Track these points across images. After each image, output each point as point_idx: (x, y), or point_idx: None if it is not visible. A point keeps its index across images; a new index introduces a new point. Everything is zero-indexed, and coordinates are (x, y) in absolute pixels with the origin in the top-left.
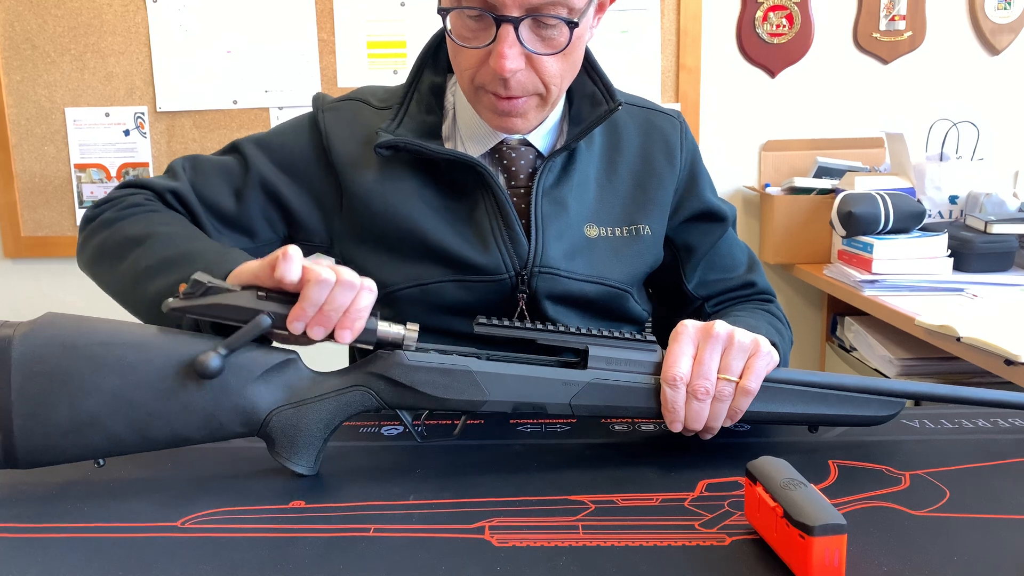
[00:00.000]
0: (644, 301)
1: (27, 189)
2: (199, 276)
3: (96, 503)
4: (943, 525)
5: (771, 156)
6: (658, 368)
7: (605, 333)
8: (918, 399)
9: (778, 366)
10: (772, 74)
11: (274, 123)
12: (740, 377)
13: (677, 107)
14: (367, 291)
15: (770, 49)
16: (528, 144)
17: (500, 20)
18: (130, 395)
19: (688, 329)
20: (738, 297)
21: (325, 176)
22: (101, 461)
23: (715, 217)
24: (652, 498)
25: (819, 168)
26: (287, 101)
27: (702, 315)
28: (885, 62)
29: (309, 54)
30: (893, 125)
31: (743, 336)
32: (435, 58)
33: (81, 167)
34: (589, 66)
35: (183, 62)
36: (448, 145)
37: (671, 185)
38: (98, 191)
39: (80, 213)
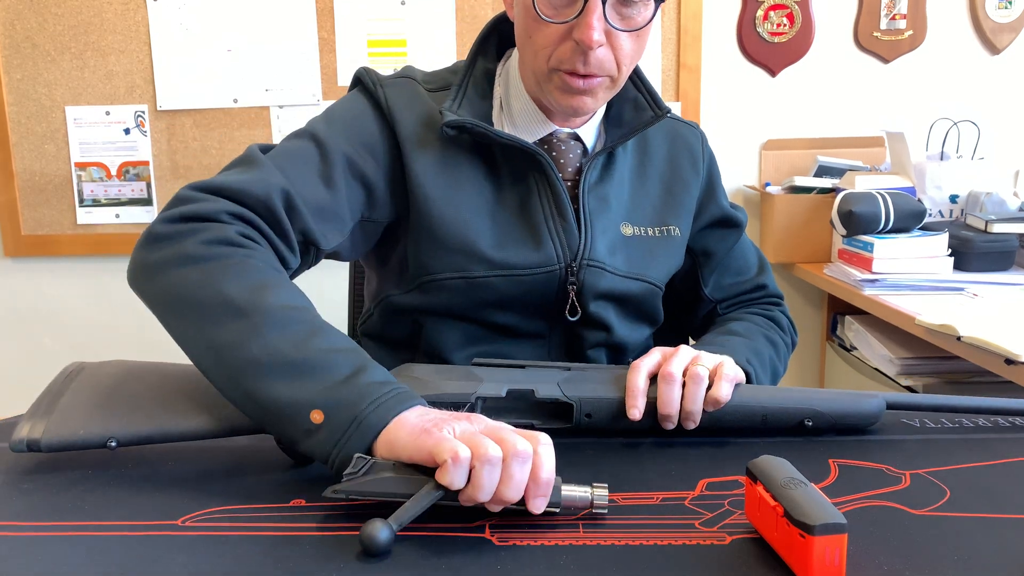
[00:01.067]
0: (661, 293)
1: (27, 187)
2: (361, 456)
3: (96, 501)
4: (943, 524)
5: (771, 155)
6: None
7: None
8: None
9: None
10: (773, 73)
11: (275, 122)
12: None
13: (678, 106)
14: (546, 457)
15: (771, 48)
16: (576, 139)
17: None
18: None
19: (652, 350)
20: (748, 300)
21: (395, 151)
22: (113, 443)
23: (731, 223)
24: (652, 497)
25: (819, 167)
26: (287, 100)
27: (714, 319)
28: (886, 61)
29: (309, 53)
30: (893, 124)
31: (709, 354)
32: (486, 47)
33: (81, 165)
34: (634, 73)
35: (183, 61)
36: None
37: (695, 191)
38: (98, 190)
39: (81, 212)
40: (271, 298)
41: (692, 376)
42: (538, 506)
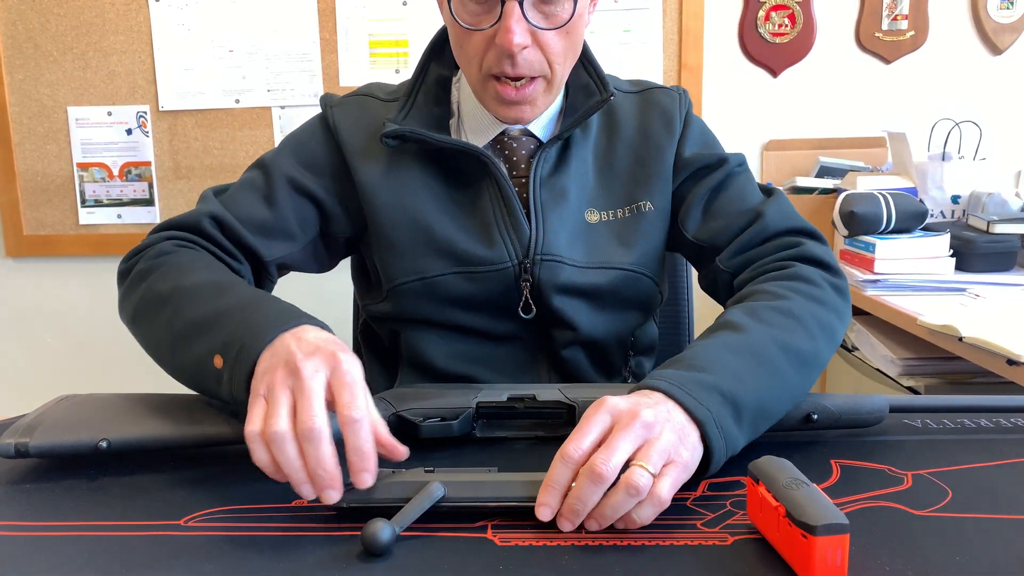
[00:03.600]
0: (663, 281)
1: (29, 188)
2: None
3: (98, 501)
4: (945, 525)
5: (773, 155)
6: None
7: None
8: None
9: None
10: (774, 74)
11: (276, 122)
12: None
13: None
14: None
15: (772, 49)
16: (529, 134)
17: None
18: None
19: (606, 405)
20: (758, 255)
21: (342, 168)
22: (104, 443)
23: (709, 166)
24: None
25: (821, 168)
26: (289, 100)
27: (721, 273)
28: (887, 62)
29: (311, 53)
30: (895, 125)
31: (668, 435)
32: (441, 52)
33: (83, 166)
34: (584, 58)
35: (185, 61)
36: (454, 135)
37: (670, 152)
38: (100, 190)
39: (83, 213)
40: (189, 279)
41: (627, 484)
42: (364, 481)
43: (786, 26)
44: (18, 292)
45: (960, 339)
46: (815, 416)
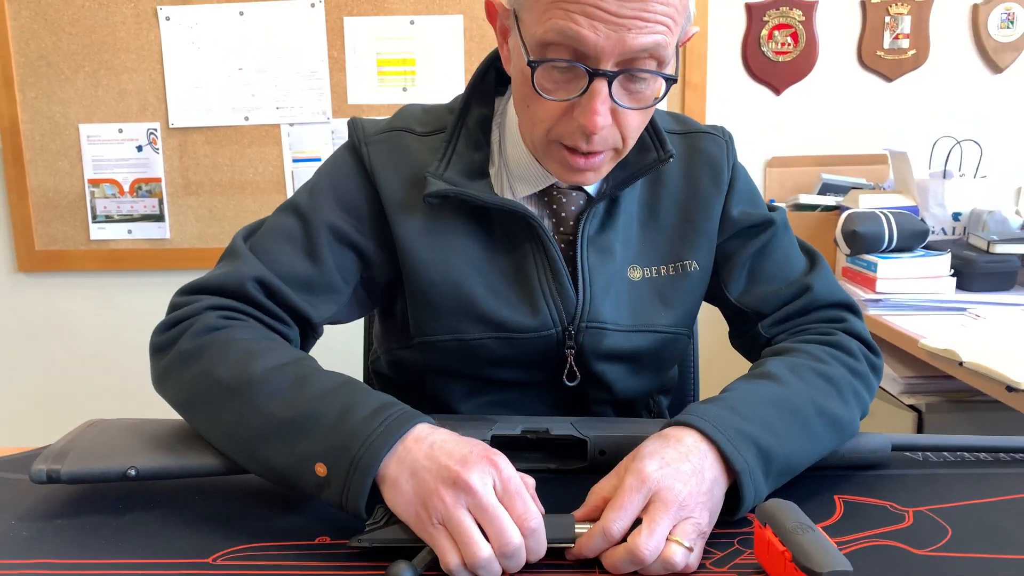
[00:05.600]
0: (690, 331)
1: (41, 204)
2: (381, 506)
3: (128, 538)
4: (945, 565)
5: (776, 172)
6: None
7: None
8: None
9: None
10: (777, 91)
11: (285, 139)
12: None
13: None
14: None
15: (775, 67)
16: (578, 187)
17: (594, 74)
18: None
19: (646, 479)
20: (801, 322)
21: (382, 215)
22: (133, 472)
23: (757, 226)
24: None
25: (823, 185)
26: (298, 118)
27: (759, 337)
28: (889, 80)
29: (320, 71)
30: (897, 143)
31: (702, 513)
32: (481, 89)
33: (94, 182)
34: None
35: (195, 79)
36: (495, 183)
37: (717, 210)
38: (111, 206)
39: (94, 228)
40: (257, 366)
41: (665, 562)
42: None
43: (789, 45)
44: (30, 306)
45: (960, 364)
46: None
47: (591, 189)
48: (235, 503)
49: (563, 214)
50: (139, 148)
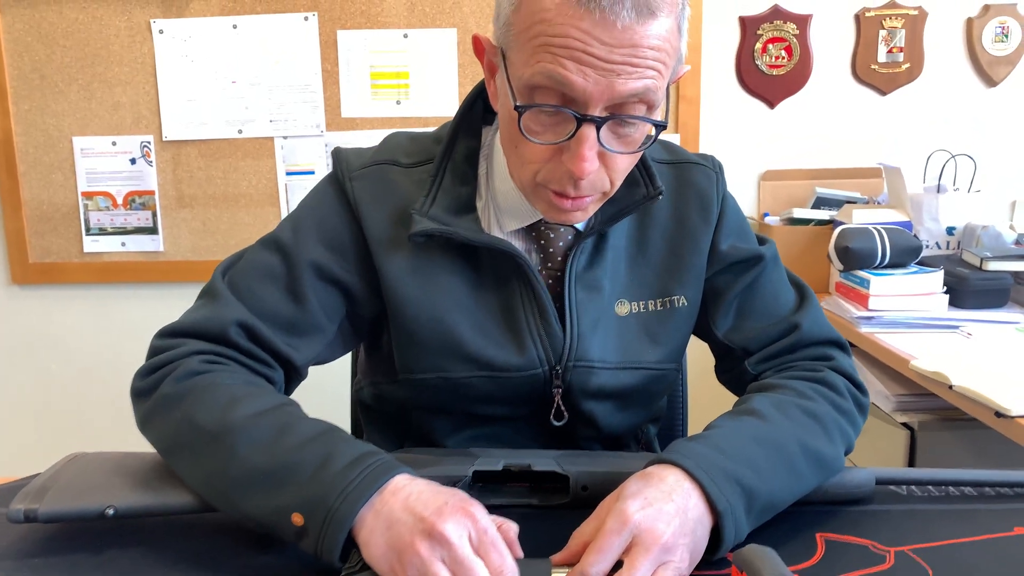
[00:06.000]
0: (679, 365)
1: (35, 216)
2: (357, 552)
3: None
4: None
5: (770, 186)
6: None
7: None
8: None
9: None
10: (771, 105)
11: (279, 152)
12: None
13: (676, 138)
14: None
15: (769, 80)
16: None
17: (582, 120)
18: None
19: (627, 521)
20: (788, 359)
21: (367, 252)
22: (111, 511)
23: (746, 261)
24: None
25: (817, 199)
26: (291, 131)
27: (746, 373)
28: (883, 93)
29: (313, 84)
30: (891, 157)
31: (683, 554)
32: (469, 120)
33: (88, 195)
34: None
35: (188, 92)
36: (482, 217)
37: (705, 244)
38: (104, 218)
39: (88, 241)
40: (238, 412)
41: None
42: None
43: (783, 58)
44: (24, 318)
45: (951, 387)
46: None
47: (579, 224)
48: (216, 540)
49: (551, 249)
50: (132, 161)
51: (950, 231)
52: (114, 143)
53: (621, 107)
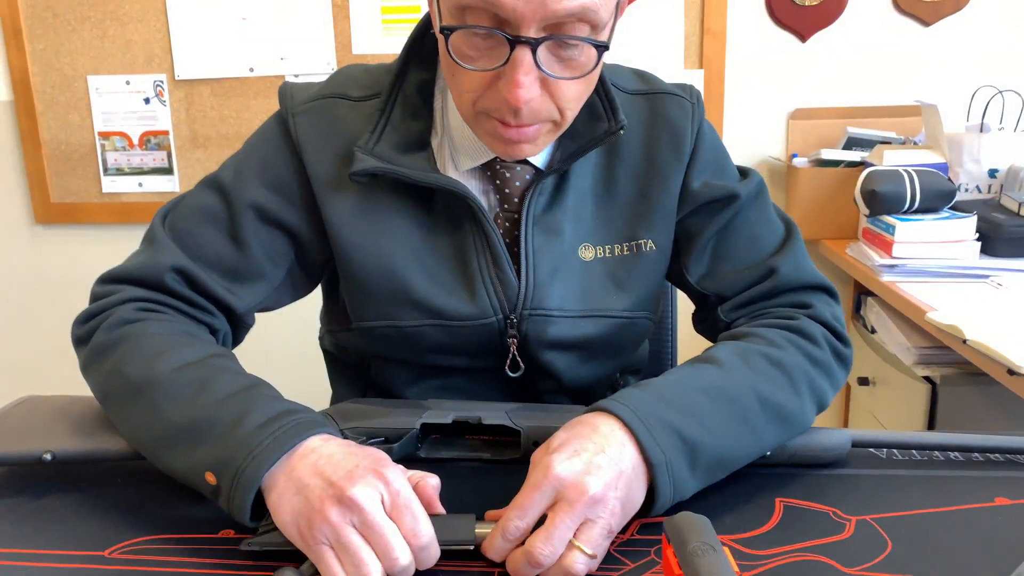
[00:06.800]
0: (657, 310)
1: (54, 156)
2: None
3: (36, 526)
4: None
5: (799, 125)
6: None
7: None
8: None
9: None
10: (803, 38)
11: None
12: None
13: (699, 74)
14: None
15: (801, 11)
16: (525, 161)
17: (515, 41)
18: None
19: (552, 476)
20: (765, 305)
21: (310, 189)
22: (48, 456)
23: (719, 200)
24: None
25: (848, 139)
26: (302, 69)
27: (719, 323)
28: (927, 24)
29: (324, 21)
30: (928, 95)
31: (614, 509)
32: (421, 50)
33: (104, 135)
34: None
35: (200, 30)
36: (437, 156)
37: (677, 181)
38: (121, 159)
39: (106, 181)
40: (163, 365)
41: (565, 570)
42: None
43: None
44: (47, 258)
45: (964, 341)
46: (768, 452)
47: (539, 162)
48: (140, 492)
49: (507, 190)
50: (146, 100)
51: (992, 173)
52: (128, 82)
53: (559, 27)
